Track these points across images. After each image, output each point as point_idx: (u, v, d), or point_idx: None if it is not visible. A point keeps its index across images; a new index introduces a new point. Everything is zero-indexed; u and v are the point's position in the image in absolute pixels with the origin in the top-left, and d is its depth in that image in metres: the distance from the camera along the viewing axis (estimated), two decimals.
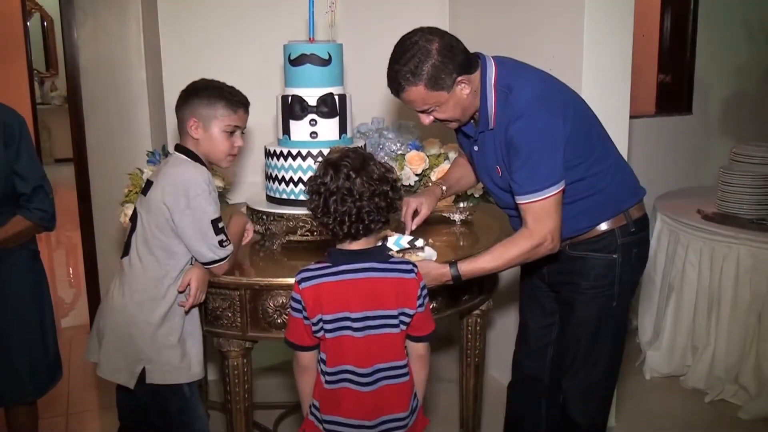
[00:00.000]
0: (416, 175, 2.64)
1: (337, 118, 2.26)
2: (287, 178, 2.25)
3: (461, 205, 2.52)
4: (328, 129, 2.26)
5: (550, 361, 2.16)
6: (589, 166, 1.88)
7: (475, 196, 2.64)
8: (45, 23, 9.02)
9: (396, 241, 1.99)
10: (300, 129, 2.25)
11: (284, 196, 2.27)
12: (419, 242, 2.00)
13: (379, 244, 1.73)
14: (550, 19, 2.60)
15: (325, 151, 1.99)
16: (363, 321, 1.61)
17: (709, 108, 4.13)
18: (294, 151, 2.23)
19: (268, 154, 2.32)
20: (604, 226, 1.94)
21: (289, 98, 2.25)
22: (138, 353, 1.89)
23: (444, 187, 2.25)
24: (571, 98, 1.91)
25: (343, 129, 2.28)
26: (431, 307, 1.77)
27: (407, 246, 1.98)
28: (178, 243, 1.89)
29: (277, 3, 2.98)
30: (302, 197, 2.20)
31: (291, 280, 1.74)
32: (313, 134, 2.25)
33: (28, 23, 8.18)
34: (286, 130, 2.28)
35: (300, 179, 2.23)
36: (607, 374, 2.05)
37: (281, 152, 2.26)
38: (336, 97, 2.24)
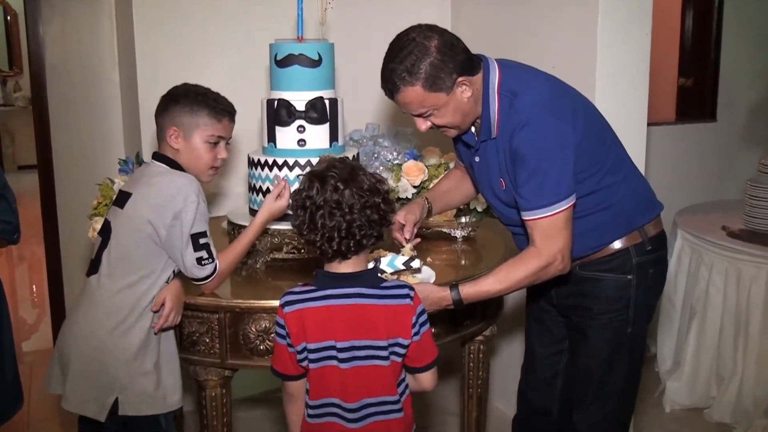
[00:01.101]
0: (414, 186, 2.63)
1: (327, 125, 2.27)
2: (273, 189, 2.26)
3: (463, 220, 2.53)
4: (318, 136, 2.27)
5: (560, 393, 2.17)
6: (601, 179, 1.89)
7: (477, 210, 2.64)
8: (8, 17, 9.06)
9: (390, 262, 1.97)
10: (287, 136, 2.27)
11: None
12: (415, 263, 1.98)
13: (371, 266, 1.72)
14: (561, 18, 2.61)
15: (314, 161, 2.00)
16: (349, 351, 1.61)
17: (734, 115, 4.15)
18: (280, 161, 2.24)
19: (252, 164, 2.33)
20: (617, 245, 1.95)
21: (275, 102, 2.26)
22: (110, 382, 1.87)
23: (427, 199, 2.21)
24: (582, 104, 1.92)
25: (333, 136, 2.30)
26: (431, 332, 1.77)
27: (402, 267, 1.97)
28: (158, 260, 1.89)
29: None
30: (288, 211, 2.21)
31: (275, 303, 1.74)
32: (301, 142, 2.26)
33: None
34: (272, 138, 2.29)
35: None
36: (622, 407, 2.06)
37: (266, 161, 2.27)
38: (326, 102, 2.26)
